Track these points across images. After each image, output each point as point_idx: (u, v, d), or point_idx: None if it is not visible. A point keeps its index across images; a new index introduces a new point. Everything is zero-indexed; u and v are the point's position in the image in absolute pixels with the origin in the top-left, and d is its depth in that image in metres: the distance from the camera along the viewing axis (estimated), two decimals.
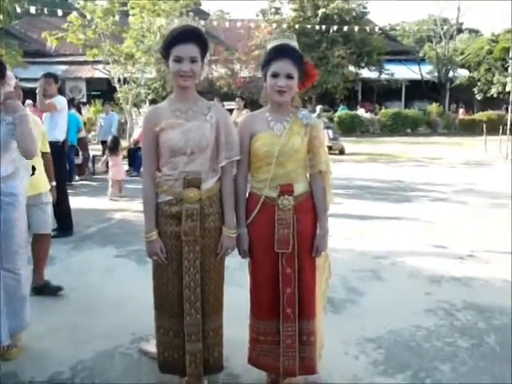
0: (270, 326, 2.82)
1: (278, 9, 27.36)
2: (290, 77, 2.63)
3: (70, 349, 3.43)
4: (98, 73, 17.41)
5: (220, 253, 2.78)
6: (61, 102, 6.68)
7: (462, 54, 31.45)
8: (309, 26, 24.05)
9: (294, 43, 2.75)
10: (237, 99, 11.20)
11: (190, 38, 2.59)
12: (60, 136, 6.55)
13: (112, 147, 9.19)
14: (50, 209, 4.39)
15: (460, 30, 33.72)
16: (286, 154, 2.69)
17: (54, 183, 4.55)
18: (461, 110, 29.14)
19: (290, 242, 2.69)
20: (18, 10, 14.87)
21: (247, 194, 2.87)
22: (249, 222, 2.81)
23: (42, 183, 4.29)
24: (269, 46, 2.79)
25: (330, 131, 16.25)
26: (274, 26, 25.11)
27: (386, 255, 5.48)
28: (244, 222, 2.82)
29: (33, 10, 17.17)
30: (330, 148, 14.85)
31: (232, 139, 2.75)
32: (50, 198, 4.37)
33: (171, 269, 2.75)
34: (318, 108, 16.61)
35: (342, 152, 16.25)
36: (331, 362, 3.16)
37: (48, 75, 6.69)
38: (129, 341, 3.53)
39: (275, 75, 2.64)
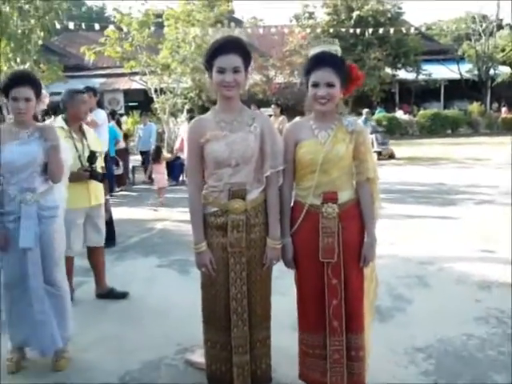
0: (316, 340, 2.76)
1: (311, 13, 27.26)
2: (330, 85, 2.59)
3: (116, 360, 3.46)
4: (135, 84, 17.70)
5: (266, 264, 2.76)
6: (100, 116, 6.76)
7: (502, 50, 30.61)
8: (343, 30, 23.88)
9: (336, 47, 2.70)
10: (272, 106, 11.18)
11: (232, 48, 2.59)
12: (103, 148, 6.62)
13: (155, 157, 9.46)
14: (103, 221, 4.49)
15: (500, 27, 32.80)
16: (330, 162, 2.64)
17: (108, 196, 4.66)
18: (503, 109, 28.32)
19: (335, 251, 2.64)
20: (58, 26, 15.25)
21: (292, 202, 2.83)
22: (293, 231, 2.77)
23: (102, 194, 4.40)
24: (309, 54, 2.75)
25: (379, 135, 15.65)
26: (308, 30, 25.01)
27: (431, 260, 5.33)
28: (289, 232, 2.78)
29: (71, 25, 17.61)
30: (379, 154, 14.49)
31: (277, 148, 2.72)
32: (103, 211, 4.48)
33: (219, 280, 2.74)
34: (365, 112, 16.06)
35: (391, 157, 15.58)
36: (380, 373, 3.08)
37: (86, 89, 6.77)
38: (174, 351, 3.53)
39: (315, 85, 2.61)
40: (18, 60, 12.81)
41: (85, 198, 4.19)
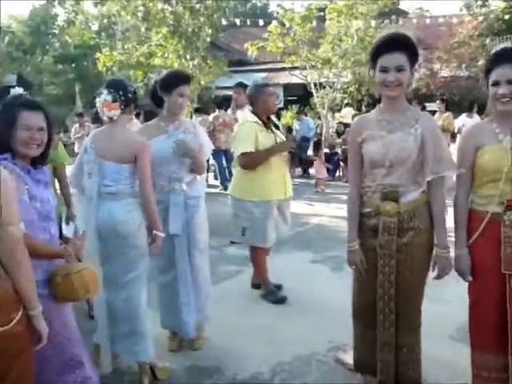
0: (494, 360, 2.53)
1: (485, 0, 25.32)
2: None
3: (269, 350, 3.53)
4: (295, 78, 17.90)
5: (437, 275, 2.64)
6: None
7: None
8: None
9: None
10: (437, 101, 10.60)
11: (397, 46, 2.49)
12: None
13: (315, 149, 9.76)
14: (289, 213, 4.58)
15: None
16: None
17: None
18: None
19: None
20: (224, 23, 15.99)
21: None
22: (471, 242, 2.57)
23: (291, 187, 4.47)
24: (492, 51, 2.53)
25: None
26: (480, 19, 23.24)
27: None
28: (465, 242, 2.58)
29: (237, 22, 18.35)
30: None
31: (441, 153, 2.56)
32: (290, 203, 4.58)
33: (368, 280, 2.72)
34: None
35: None
36: None
37: (238, 85, 6.78)
38: (326, 348, 3.51)
39: (496, 83, 2.40)
40: (188, 57, 13.66)
41: (281, 190, 4.28)
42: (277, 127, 4.45)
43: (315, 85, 15.08)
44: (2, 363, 1.89)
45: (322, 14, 15.05)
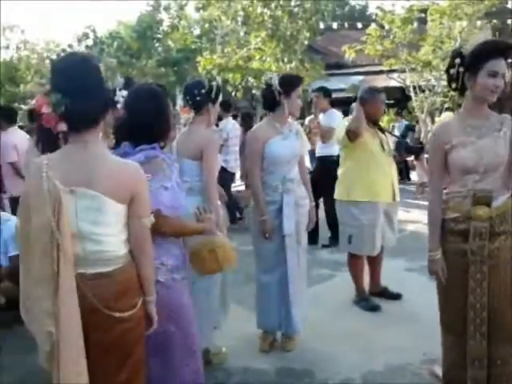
0: None
1: None
2: None
3: (361, 357, 3.51)
4: (393, 82, 17.50)
5: None
6: (335, 117, 6.28)
7: None
8: None
9: None
10: None
11: (504, 52, 2.48)
12: (334, 151, 6.21)
13: (417, 153, 9.67)
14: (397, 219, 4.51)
15: None
16: None
17: None
18: None
19: None
20: (322, 26, 15.97)
21: None
22: None
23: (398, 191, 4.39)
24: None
25: None
26: None
27: None
28: None
29: (334, 25, 18.25)
30: None
31: None
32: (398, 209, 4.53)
33: (455, 287, 2.64)
34: None
35: None
36: None
37: (318, 89, 6.63)
38: (420, 360, 3.43)
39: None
40: (286, 60, 13.79)
41: (388, 192, 4.20)
42: (382, 130, 4.38)
43: (414, 88, 14.67)
44: (126, 347, 2.01)
45: (423, 15, 14.61)
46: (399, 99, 20.34)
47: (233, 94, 14.62)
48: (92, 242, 1.93)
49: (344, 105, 14.29)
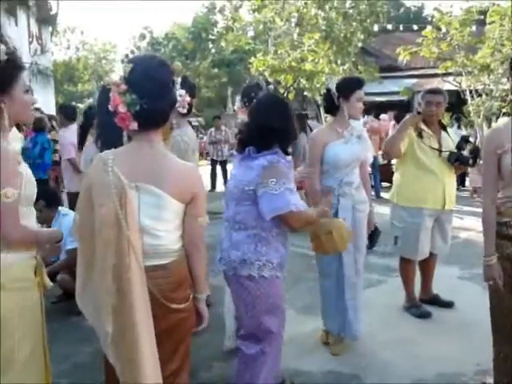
0: None
1: None
2: None
3: (411, 364, 3.46)
4: (448, 85, 17.10)
5: None
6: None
7: None
8: None
9: None
10: None
11: None
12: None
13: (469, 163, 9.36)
14: (450, 228, 4.40)
15: None
16: None
17: None
18: None
19: None
20: (376, 28, 15.74)
21: None
22: None
23: (454, 199, 4.27)
24: None
25: None
26: None
27: None
28: None
29: (389, 27, 17.97)
30: None
31: None
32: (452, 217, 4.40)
33: (507, 293, 2.59)
34: None
35: None
36: None
37: None
38: (473, 371, 3.35)
39: None
40: (339, 62, 13.68)
41: (438, 198, 4.08)
42: (444, 128, 4.26)
43: (470, 92, 14.27)
44: (178, 336, 2.09)
45: (481, 17, 14.20)
46: (454, 103, 19.85)
47: (284, 95, 14.61)
48: (151, 236, 2.00)
49: (397, 108, 14.10)
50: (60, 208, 4.70)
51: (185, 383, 2.16)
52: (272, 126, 2.58)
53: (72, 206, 5.01)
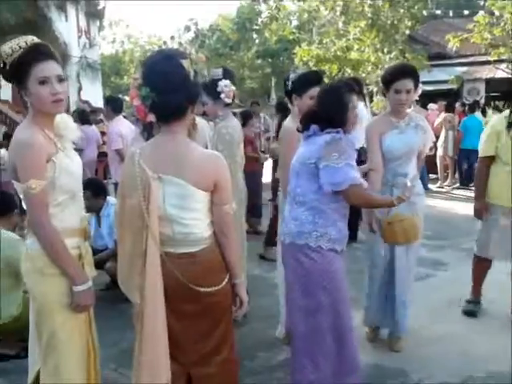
0: None
1: None
2: None
3: (461, 361, 3.37)
4: (500, 73, 16.53)
5: None
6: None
7: None
8: None
9: None
10: None
11: None
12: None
13: None
14: None
15: None
16: None
17: None
18: None
19: None
20: (425, 14, 15.31)
21: None
22: None
23: None
24: None
25: None
26: None
27: None
28: None
29: (438, 12, 17.45)
30: None
31: None
32: None
33: None
34: None
35: None
36: None
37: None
38: None
39: None
40: (385, 50, 13.38)
41: (506, 196, 3.83)
42: None
43: None
44: (213, 317, 2.20)
45: None
46: (506, 91, 19.19)
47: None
48: (179, 224, 2.10)
49: (445, 97, 13.72)
50: (109, 198, 4.78)
51: (230, 362, 2.27)
52: (327, 109, 2.70)
53: None
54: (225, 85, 3.69)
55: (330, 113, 2.67)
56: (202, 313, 2.16)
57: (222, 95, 3.70)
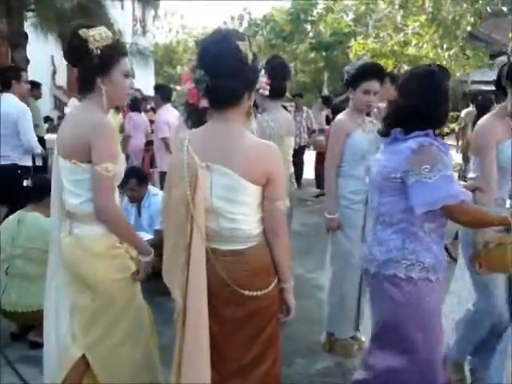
0: None
1: None
2: None
3: None
4: None
5: None
6: None
7: None
8: None
9: None
10: None
11: None
12: None
13: None
14: None
15: None
16: None
17: None
18: None
19: None
20: (489, 10, 14.66)
21: None
22: None
23: None
24: None
25: None
26: None
27: None
28: None
29: (504, 9, 16.67)
30: None
31: None
32: None
33: None
34: None
35: None
36: None
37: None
38: None
39: None
40: (445, 46, 12.87)
41: None
42: None
43: None
44: (259, 323, 2.03)
45: None
46: None
47: None
48: (226, 219, 1.96)
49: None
50: (150, 187, 4.71)
51: (271, 378, 2.08)
52: (416, 104, 2.20)
53: (163, 186, 5.04)
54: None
55: (421, 106, 2.18)
56: (244, 318, 2.00)
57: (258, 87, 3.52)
